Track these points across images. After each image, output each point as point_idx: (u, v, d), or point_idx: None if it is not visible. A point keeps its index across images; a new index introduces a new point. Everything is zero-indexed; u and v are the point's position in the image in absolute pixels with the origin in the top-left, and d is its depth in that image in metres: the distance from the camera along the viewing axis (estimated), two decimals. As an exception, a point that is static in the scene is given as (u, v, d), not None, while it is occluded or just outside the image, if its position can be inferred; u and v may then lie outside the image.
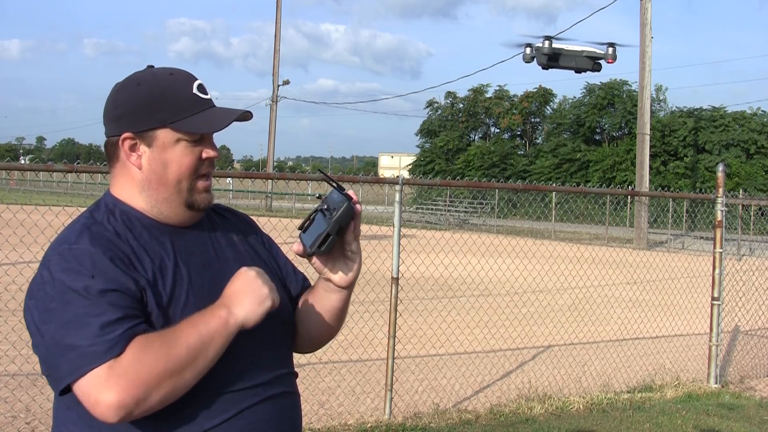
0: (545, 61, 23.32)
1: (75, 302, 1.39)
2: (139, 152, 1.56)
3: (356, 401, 5.94)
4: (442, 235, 11.69)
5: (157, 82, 1.57)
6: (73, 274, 1.42)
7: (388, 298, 5.60)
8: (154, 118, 1.54)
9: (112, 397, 1.34)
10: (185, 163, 1.57)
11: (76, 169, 5.06)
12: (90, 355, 1.36)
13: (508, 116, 47.74)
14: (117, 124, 1.57)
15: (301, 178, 6.59)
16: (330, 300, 1.73)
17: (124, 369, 1.36)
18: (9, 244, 7.95)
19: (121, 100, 1.57)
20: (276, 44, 37.84)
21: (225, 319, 1.46)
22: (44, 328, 1.41)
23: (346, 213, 1.59)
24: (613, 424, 5.48)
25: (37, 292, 1.46)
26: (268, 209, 35.61)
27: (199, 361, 1.42)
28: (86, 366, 1.36)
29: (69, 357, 1.37)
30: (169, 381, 1.39)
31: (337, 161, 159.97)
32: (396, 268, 5.56)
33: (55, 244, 1.51)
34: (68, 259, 1.44)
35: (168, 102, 1.55)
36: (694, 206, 19.17)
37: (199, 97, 1.59)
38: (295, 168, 75.41)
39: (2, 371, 6.00)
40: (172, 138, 1.56)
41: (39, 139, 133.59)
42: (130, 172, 1.58)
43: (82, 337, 1.37)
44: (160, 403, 1.40)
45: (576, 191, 7.75)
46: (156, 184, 1.56)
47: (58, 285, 1.41)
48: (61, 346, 1.38)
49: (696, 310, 9.29)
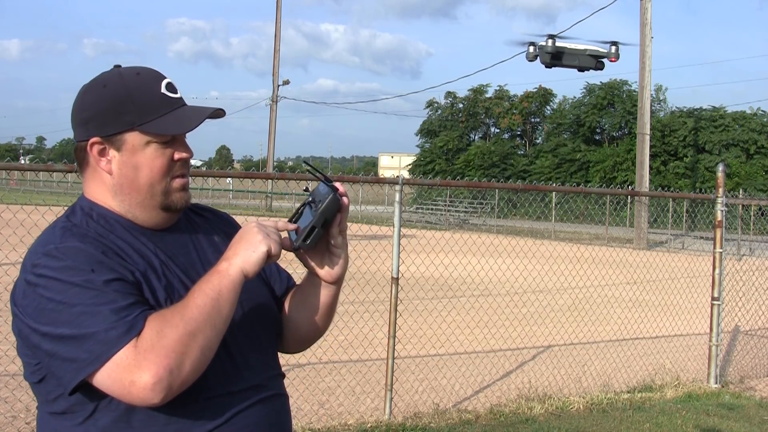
0: (548, 59, 23.33)
1: (80, 296, 1.36)
2: (109, 157, 1.52)
3: (356, 401, 5.94)
4: (442, 235, 11.69)
5: (124, 82, 1.51)
6: (70, 271, 1.38)
7: (388, 298, 5.60)
8: (121, 121, 1.49)
9: (147, 375, 1.32)
10: (156, 165, 1.52)
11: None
12: (111, 339, 1.33)
13: (508, 116, 47.74)
14: (84, 128, 1.52)
15: (301, 178, 6.59)
16: (318, 296, 1.70)
17: (149, 344, 1.34)
18: (9, 244, 7.95)
19: (87, 104, 1.52)
20: (276, 44, 37.86)
21: (225, 270, 1.45)
22: (45, 329, 1.37)
23: (331, 205, 1.54)
24: (613, 424, 5.48)
25: (24, 298, 1.41)
26: (268, 209, 35.62)
27: (215, 318, 1.40)
28: (110, 350, 1.33)
29: (86, 346, 1.34)
30: (194, 343, 1.36)
31: (337, 161, 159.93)
32: (396, 268, 5.56)
33: (37, 247, 1.45)
34: (60, 258, 1.40)
35: (135, 104, 1.49)
36: (694, 206, 19.17)
37: (168, 97, 1.53)
38: (295, 168, 75.35)
39: (2, 371, 5.99)
40: (141, 141, 1.50)
41: (39, 139, 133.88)
42: (101, 177, 1.54)
43: (97, 325, 1.34)
44: (194, 370, 1.37)
45: (576, 191, 7.75)
46: (128, 188, 1.52)
47: (55, 285, 1.37)
48: (73, 339, 1.34)
49: (696, 310, 9.29)
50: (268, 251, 1.48)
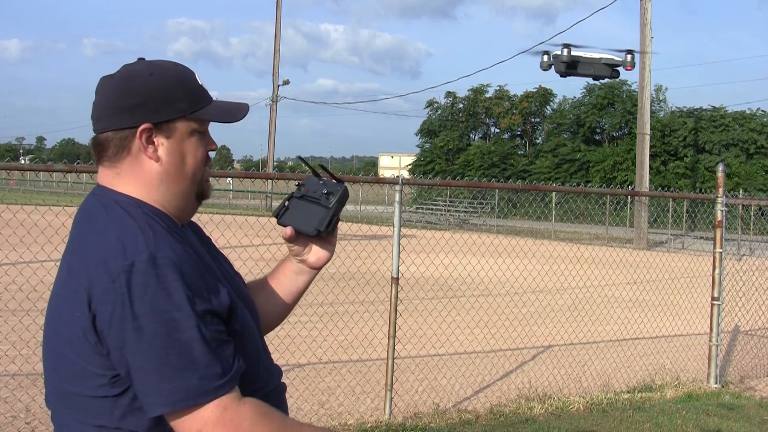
0: (563, 69, 23.38)
1: (174, 325, 1.32)
2: (156, 144, 1.48)
3: (356, 401, 5.94)
4: (442, 235, 11.70)
5: (170, 72, 1.51)
6: (168, 292, 1.33)
7: (388, 298, 5.60)
8: (174, 107, 1.48)
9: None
10: (199, 155, 1.54)
11: (76, 169, 5.06)
12: (203, 389, 1.32)
13: (508, 116, 47.74)
14: (131, 115, 1.46)
15: (301, 177, 6.58)
16: (297, 282, 1.79)
17: (237, 421, 1.33)
18: (9, 244, 7.95)
19: (133, 90, 1.47)
20: (276, 44, 37.86)
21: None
22: (134, 348, 1.32)
23: (345, 196, 1.72)
24: (613, 424, 5.48)
25: (106, 305, 1.33)
26: (268, 209, 35.63)
27: None
28: (195, 399, 1.32)
29: (170, 386, 1.31)
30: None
31: (337, 161, 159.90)
32: (396, 268, 5.56)
33: (123, 250, 1.35)
34: (160, 273, 1.34)
35: (185, 92, 1.50)
36: (694, 206, 19.18)
37: (204, 89, 1.56)
38: (295, 168, 75.21)
39: (2, 371, 5.99)
40: (188, 129, 1.51)
41: (39, 139, 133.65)
42: (144, 166, 1.48)
43: (189, 367, 1.31)
44: None
45: (576, 191, 7.76)
46: (175, 176, 1.50)
47: (151, 304, 1.32)
48: (157, 372, 1.31)
49: (696, 310, 9.29)
50: None
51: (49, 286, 5.80)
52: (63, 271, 1.45)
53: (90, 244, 1.40)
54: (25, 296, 7.20)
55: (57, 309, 1.44)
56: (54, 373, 1.44)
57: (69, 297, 1.39)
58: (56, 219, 6.60)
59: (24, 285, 7.53)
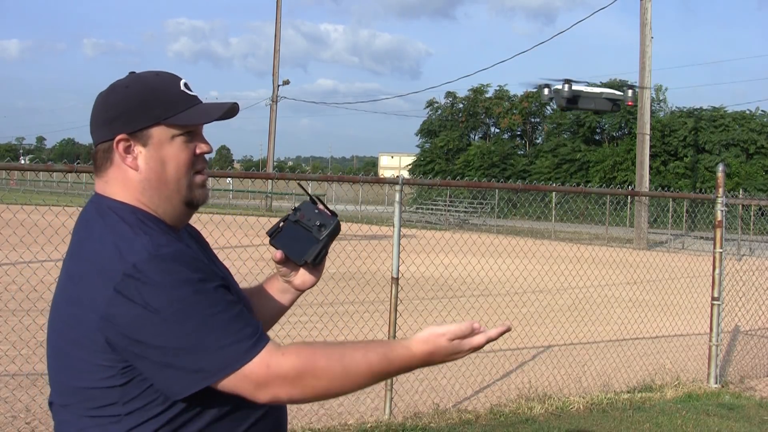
0: (564, 103, 23.79)
1: (197, 306, 1.39)
2: (135, 153, 1.54)
3: (356, 401, 5.94)
4: (442, 235, 11.70)
5: (146, 81, 1.57)
6: (181, 277, 1.41)
7: (388, 298, 5.61)
8: (147, 115, 1.53)
9: (267, 396, 1.42)
10: (182, 159, 1.56)
11: (76, 169, 5.06)
12: (241, 351, 1.40)
13: (508, 116, 47.76)
14: (109, 127, 1.54)
15: (301, 178, 6.60)
16: (282, 299, 1.86)
17: (282, 374, 1.42)
18: (9, 244, 7.95)
19: (111, 104, 1.55)
20: (276, 44, 37.86)
21: (413, 353, 1.55)
22: (158, 342, 1.38)
23: (337, 229, 1.77)
24: (613, 424, 5.48)
25: (119, 307, 1.39)
26: (268, 209, 35.64)
27: (368, 380, 1.51)
28: (238, 362, 1.39)
29: (212, 358, 1.38)
30: (326, 386, 1.45)
31: (337, 161, 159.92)
32: (396, 268, 5.56)
33: (126, 253, 1.42)
34: (168, 262, 1.41)
35: (159, 99, 1.54)
36: (694, 206, 19.18)
37: (187, 94, 1.59)
38: (295, 168, 75.41)
39: (2, 371, 5.99)
40: (167, 135, 1.55)
41: (39, 139, 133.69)
42: (126, 175, 1.55)
43: (222, 337, 1.39)
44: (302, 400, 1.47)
45: (576, 191, 7.75)
46: (156, 183, 1.55)
47: (169, 294, 1.39)
48: (195, 351, 1.38)
49: (696, 310, 9.29)
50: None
51: (49, 286, 5.80)
52: (63, 276, 1.52)
53: (87, 251, 1.48)
54: (25, 296, 7.20)
55: (60, 313, 1.51)
56: (60, 372, 1.51)
57: (72, 302, 1.46)
58: (56, 219, 6.60)
59: (24, 285, 7.53)
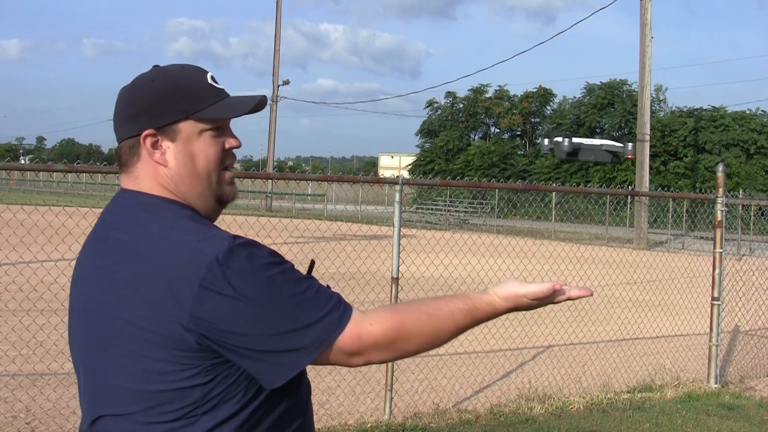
0: (564, 156, 24.41)
1: (287, 286, 1.40)
2: (163, 148, 1.50)
3: (356, 401, 5.94)
4: (442, 235, 11.70)
5: (172, 75, 1.52)
6: (268, 261, 1.41)
7: (388, 298, 5.60)
8: (174, 110, 1.49)
9: (361, 360, 1.46)
10: (211, 153, 1.52)
11: (76, 169, 5.06)
12: (333, 323, 1.42)
13: (508, 116, 47.76)
14: (134, 122, 1.49)
15: (301, 178, 6.60)
16: None
17: (374, 342, 1.45)
18: (9, 244, 7.95)
19: (135, 99, 1.50)
20: (276, 44, 37.86)
21: (494, 303, 1.69)
22: (259, 330, 1.37)
23: None
24: (613, 424, 5.48)
25: (207, 303, 1.35)
26: (268, 209, 35.62)
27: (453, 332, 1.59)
28: (333, 334, 1.41)
29: (309, 334, 1.40)
30: (418, 345, 1.50)
31: (337, 161, 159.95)
32: (396, 268, 5.56)
33: (196, 256, 1.37)
34: (251, 250, 1.40)
35: (186, 93, 1.50)
36: (694, 206, 19.17)
37: (214, 87, 1.54)
38: (295, 168, 75.41)
39: (2, 371, 6.00)
40: (195, 129, 1.51)
41: (39, 139, 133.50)
42: (157, 170, 1.50)
43: (314, 312, 1.41)
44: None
45: (576, 191, 7.75)
46: (188, 179, 1.51)
47: (262, 279, 1.38)
48: (295, 331, 1.39)
49: (696, 310, 9.29)
50: None
51: (49, 286, 5.81)
52: (120, 277, 1.41)
53: (152, 249, 1.39)
54: (25, 296, 7.21)
55: (122, 317, 1.40)
56: (123, 379, 1.41)
57: (144, 303, 1.37)
58: (56, 219, 6.60)
59: (24, 285, 7.53)
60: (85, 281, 1.49)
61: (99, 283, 1.44)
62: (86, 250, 1.52)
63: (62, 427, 5.00)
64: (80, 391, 1.53)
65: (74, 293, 1.53)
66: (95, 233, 1.52)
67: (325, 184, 33.61)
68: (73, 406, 5.32)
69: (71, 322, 1.54)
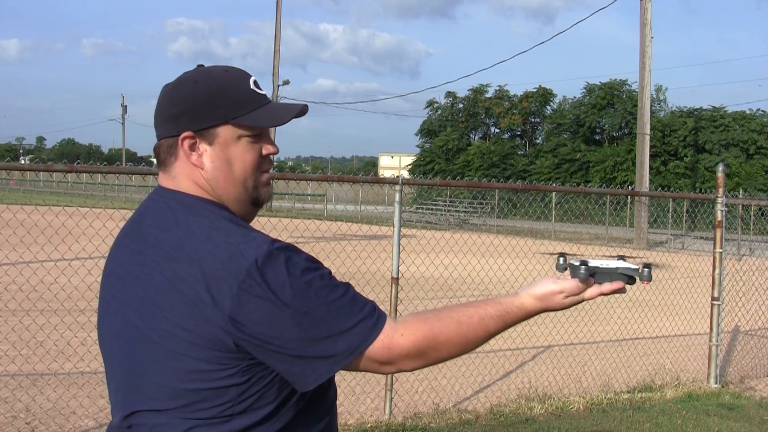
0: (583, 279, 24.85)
1: (324, 292, 1.41)
2: (200, 151, 1.50)
3: (356, 401, 5.94)
4: (442, 235, 11.70)
5: (215, 78, 1.52)
6: (306, 266, 1.41)
7: (388, 298, 5.60)
8: (215, 114, 1.49)
9: (392, 368, 1.47)
10: (248, 160, 1.53)
11: (76, 169, 5.05)
12: (366, 329, 1.43)
13: (508, 116, 47.74)
14: (174, 123, 1.50)
15: (301, 178, 6.61)
16: None
17: (404, 352, 1.46)
18: (9, 244, 7.96)
19: (178, 99, 1.51)
20: (276, 44, 37.85)
21: (526, 306, 1.73)
22: (294, 334, 1.38)
23: None
24: (613, 424, 5.48)
25: (246, 305, 1.36)
26: (268, 209, 35.63)
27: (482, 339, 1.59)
28: (366, 341, 1.42)
29: (343, 341, 1.41)
30: (446, 353, 1.51)
31: (337, 161, 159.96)
32: (396, 268, 5.56)
33: (235, 259, 1.38)
34: (292, 256, 1.41)
35: (228, 98, 1.50)
36: (694, 206, 19.17)
37: (256, 93, 1.54)
38: (295, 168, 75.41)
39: (2, 371, 6.00)
40: (233, 135, 1.51)
41: (39, 139, 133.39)
42: (194, 171, 1.51)
43: (349, 319, 1.42)
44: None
45: (576, 191, 7.75)
46: (224, 182, 1.51)
47: (299, 285, 1.38)
48: (329, 337, 1.40)
49: (696, 310, 9.29)
50: None
51: (49, 286, 5.82)
52: (162, 277, 1.42)
53: (194, 250, 1.40)
54: (25, 296, 7.21)
55: (163, 315, 1.41)
56: (161, 376, 1.42)
57: (186, 303, 1.38)
58: (56, 219, 6.60)
59: (24, 285, 7.53)
60: (121, 277, 1.49)
61: (138, 280, 1.45)
62: (121, 246, 1.53)
63: (62, 427, 5.00)
64: (112, 385, 1.54)
65: (107, 287, 1.53)
66: (131, 229, 1.53)
67: (325, 184, 33.60)
68: (73, 406, 5.32)
69: (103, 314, 1.54)
